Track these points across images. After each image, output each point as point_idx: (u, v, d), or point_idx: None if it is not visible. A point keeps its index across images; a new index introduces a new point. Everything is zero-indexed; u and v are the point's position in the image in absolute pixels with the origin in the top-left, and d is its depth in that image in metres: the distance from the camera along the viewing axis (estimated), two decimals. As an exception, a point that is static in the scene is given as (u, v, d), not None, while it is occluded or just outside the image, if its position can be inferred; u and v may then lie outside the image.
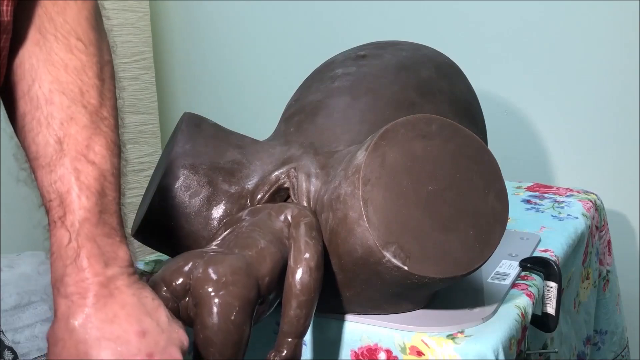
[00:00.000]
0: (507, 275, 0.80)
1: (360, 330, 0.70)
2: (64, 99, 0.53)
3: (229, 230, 0.70)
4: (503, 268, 0.83)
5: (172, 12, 1.87)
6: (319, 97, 0.85)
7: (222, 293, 0.58)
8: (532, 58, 1.44)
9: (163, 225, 0.76)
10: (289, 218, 0.69)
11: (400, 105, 0.82)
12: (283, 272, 0.64)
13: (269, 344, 0.71)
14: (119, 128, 0.56)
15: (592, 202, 1.13)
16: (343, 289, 0.69)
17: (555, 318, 0.78)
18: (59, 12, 0.54)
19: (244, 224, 0.69)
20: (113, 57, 0.59)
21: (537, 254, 0.89)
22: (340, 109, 0.82)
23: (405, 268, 0.61)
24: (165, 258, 0.90)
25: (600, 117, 1.40)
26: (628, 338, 1.22)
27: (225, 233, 0.70)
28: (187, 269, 0.61)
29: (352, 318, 0.72)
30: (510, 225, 0.88)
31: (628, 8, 1.34)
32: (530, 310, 0.75)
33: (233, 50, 1.80)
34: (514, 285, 0.79)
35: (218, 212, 0.76)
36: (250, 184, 0.77)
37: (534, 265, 0.82)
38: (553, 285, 0.78)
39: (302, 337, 0.63)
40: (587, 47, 1.39)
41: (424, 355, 0.67)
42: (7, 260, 1.19)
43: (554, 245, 0.93)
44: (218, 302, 0.58)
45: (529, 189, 1.21)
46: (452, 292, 0.75)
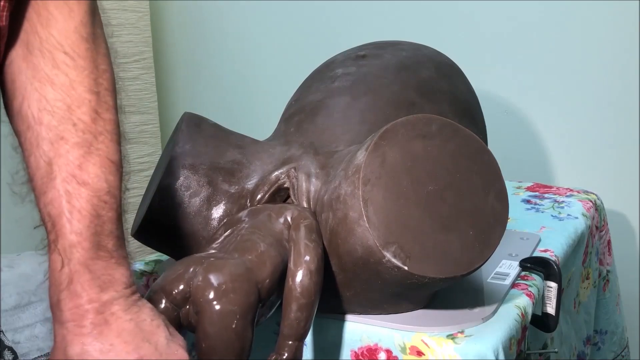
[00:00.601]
0: (507, 275, 0.80)
1: (360, 330, 0.70)
2: (51, 118, 0.51)
3: (229, 232, 0.70)
4: (503, 268, 0.83)
5: (172, 12, 1.87)
6: (319, 97, 0.85)
7: (222, 301, 0.58)
8: (532, 58, 1.44)
9: (163, 225, 0.76)
10: (289, 220, 0.68)
11: (400, 105, 0.82)
12: (283, 274, 0.64)
13: (270, 345, 0.71)
14: (119, 141, 0.53)
15: (592, 202, 1.13)
16: (343, 289, 0.69)
17: (555, 318, 0.78)
18: (44, 24, 0.51)
19: (244, 226, 0.69)
20: (115, 57, 0.56)
21: (537, 254, 0.89)
22: (340, 109, 0.82)
23: (406, 268, 0.61)
24: (165, 258, 0.91)
25: (601, 117, 1.40)
26: (628, 338, 1.22)
27: (225, 234, 0.70)
28: (186, 277, 0.60)
29: (352, 318, 0.72)
30: (510, 225, 0.88)
31: (628, 8, 1.34)
32: (530, 310, 0.75)
33: (233, 50, 1.80)
34: (514, 285, 0.79)
35: (218, 212, 0.76)
36: (250, 184, 0.77)
37: (534, 265, 0.82)
38: (553, 285, 0.78)
39: (302, 339, 0.63)
40: (587, 47, 1.39)
41: (424, 355, 0.67)
42: (7, 260, 1.19)
43: (554, 245, 0.93)
44: (218, 310, 0.58)
45: (529, 189, 1.21)
46: (452, 292, 0.75)
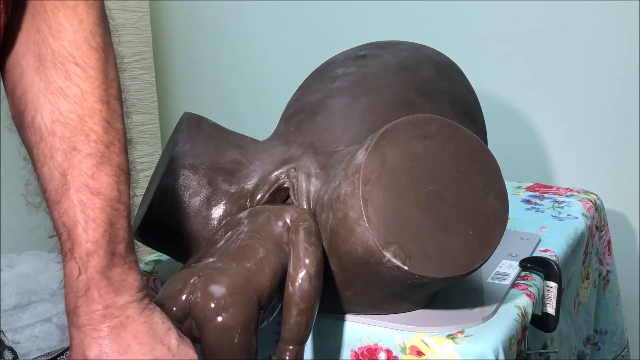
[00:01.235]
0: (507, 275, 0.80)
1: (360, 330, 0.70)
2: (65, 130, 0.52)
3: (229, 234, 0.70)
4: (503, 268, 0.83)
5: (172, 12, 1.87)
6: (319, 97, 0.85)
7: (223, 316, 0.58)
8: (532, 58, 1.44)
9: (163, 225, 0.76)
10: (288, 222, 0.68)
11: (400, 105, 0.82)
12: (283, 279, 0.64)
13: (270, 345, 0.71)
14: (127, 150, 0.55)
15: (592, 202, 1.13)
16: (343, 289, 0.69)
17: (555, 318, 0.78)
18: (55, 36, 0.52)
19: (243, 229, 0.69)
20: (122, 64, 0.57)
21: (537, 254, 0.89)
22: (340, 109, 0.82)
23: (406, 268, 0.61)
24: (165, 258, 0.90)
25: (600, 117, 1.40)
26: (628, 338, 1.22)
27: (225, 237, 0.70)
28: (185, 292, 0.61)
29: (352, 318, 0.72)
30: (510, 225, 0.88)
31: (628, 8, 1.34)
32: (530, 310, 0.75)
33: (233, 50, 1.80)
34: (514, 285, 0.79)
35: (218, 212, 0.76)
36: (250, 184, 0.77)
37: (534, 265, 0.82)
38: (553, 285, 0.78)
39: (303, 343, 0.63)
40: (587, 47, 1.39)
41: (424, 355, 0.67)
42: (7, 260, 1.19)
43: (554, 245, 0.93)
44: (219, 326, 0.58)
45: (529, 189, 1.21)
46: (452, 292, 0.75)
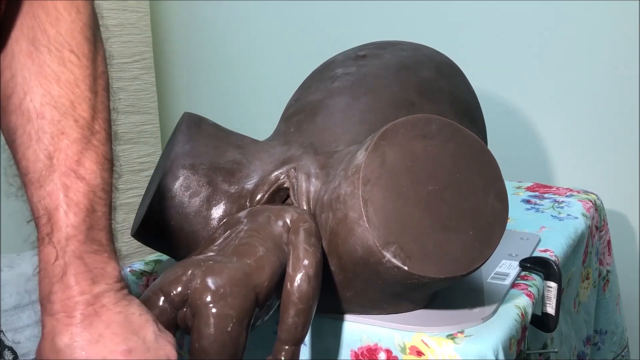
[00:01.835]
0: (507, 275, 0.80)
1: (360, 330, 0.70)
2: (55, 113, 0.52)
3: (228, 233, 0.70)
4: (503, 268, 0.83)
5: (172, 12, 1.87)
6: (319, 97, 0.85)
7: (220, 304, 0.58)
8: (532, 58, 1.44)
9: (163, 225, 0.76)
10: (288, 222, 0.68)
11: (400, 105, 0.82)
12: (281, 279, 0.64)
13: (269, 345, 0.71)
14: (112, 141, 0.55)
15: (592, 202, 1.13)
16: (343, 289, 0.69)
17: (555, 318, 0.78)
18: (53, 23, 0.53)
19: (243, 228, 0.69)
20: (111, 61, 0.58)
21: (537, 254, 0.89)
22: (340, 109, 0.82)
23: (406, 268, 0.61)
24: (165, 258, 0.91)
25: (600, 117, 1.40)
26: (628, 338, 1.22)
27: (224, 235, 0.70)
28: (185, 279, 0.61)
29: (352, 318, 0.72)
30: (510, 225, 0.88)
31: (628, 8, 1.34)
32: (530, 310, 0.75)
33: (233, 50, 1.80)
34: (514, 285, 0.79)
35: (218, 212, 0.76)
36: (250, 184, 0.77)
37: (534, 265, 0.82)
38: (553, 285, 0.78)
39: (299, 344, 0.63)
40: (587, 47, 1.39)
41: (424, 355, 0.67)
42: (7, 260, 1.19)
43: (554, 245, 0.93)
44: (215, 313, 0.58)
45: (529, 189, 1.21)
46: (452, 292, 0.75)
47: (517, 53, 1.45)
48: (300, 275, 0.63)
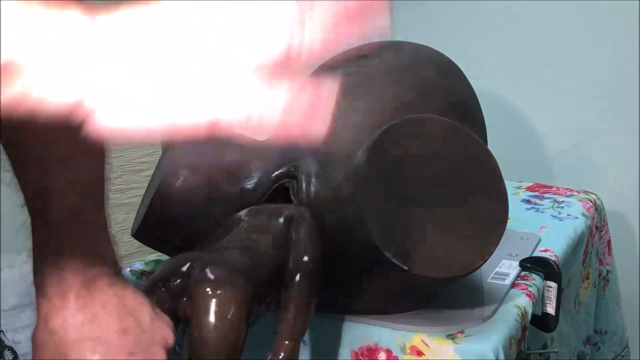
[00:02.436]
0: (507, 275, 0.80)
1: (360, 330, 0.70)
2: None
3: (229, 231, 0.70)
4: (503, 268, 0.83)
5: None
6: (319, 97, 0.85)
7: (219, 292, 0.58)
8: (532, 58, 1.44)
9: (163, 225, 0.76)
10: (289, 219, 0.68)
11: (400, 105, 0.82)
12: (282, 276, 0.64)
13: (269, 344, 0.71)
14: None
15: (592, 202, 1.13)
16: (343, 289, 0.69)
17: (555, 318, 0.78)
18: None
19: (244, 225, 0.69)
20: None
21: (537, 254, 0.89)
22: (341, 109, 0.82)
23: (406, 268, 0.61)
24: (165, 258, 0.90)
25: (600, 117, 1.40)
26: (628, 338, 1.22)
27: (225, 234, 0.70)
28: (185, 269, 0.61)
29: (352, 318, 0.72)
30: (510, 225, 0.88)
31: (628, 8, 1.34)
32: (530, 310, 0.75)
33: (233, 50, 1.80)
34: (514, 285, 0.79)
35: (218, 212, 0.76)
36: (250, 184, 0.77)
37: (534, 265, 0.82)
38: (553, 285, 0.78)
39: (299, 340, 0.63)
40: (587, 47, 1.39)
41: (424, 355, 0.67)
42: (7, 260, 1.19)
43: (554, 245, 0.93)
44: (215, 301, 0.58)
45: (529, 189, 1.21)
46: (452, 292, 0.75)
47: (517, 53, 1.45)
48: (301, 271, 0.63)
